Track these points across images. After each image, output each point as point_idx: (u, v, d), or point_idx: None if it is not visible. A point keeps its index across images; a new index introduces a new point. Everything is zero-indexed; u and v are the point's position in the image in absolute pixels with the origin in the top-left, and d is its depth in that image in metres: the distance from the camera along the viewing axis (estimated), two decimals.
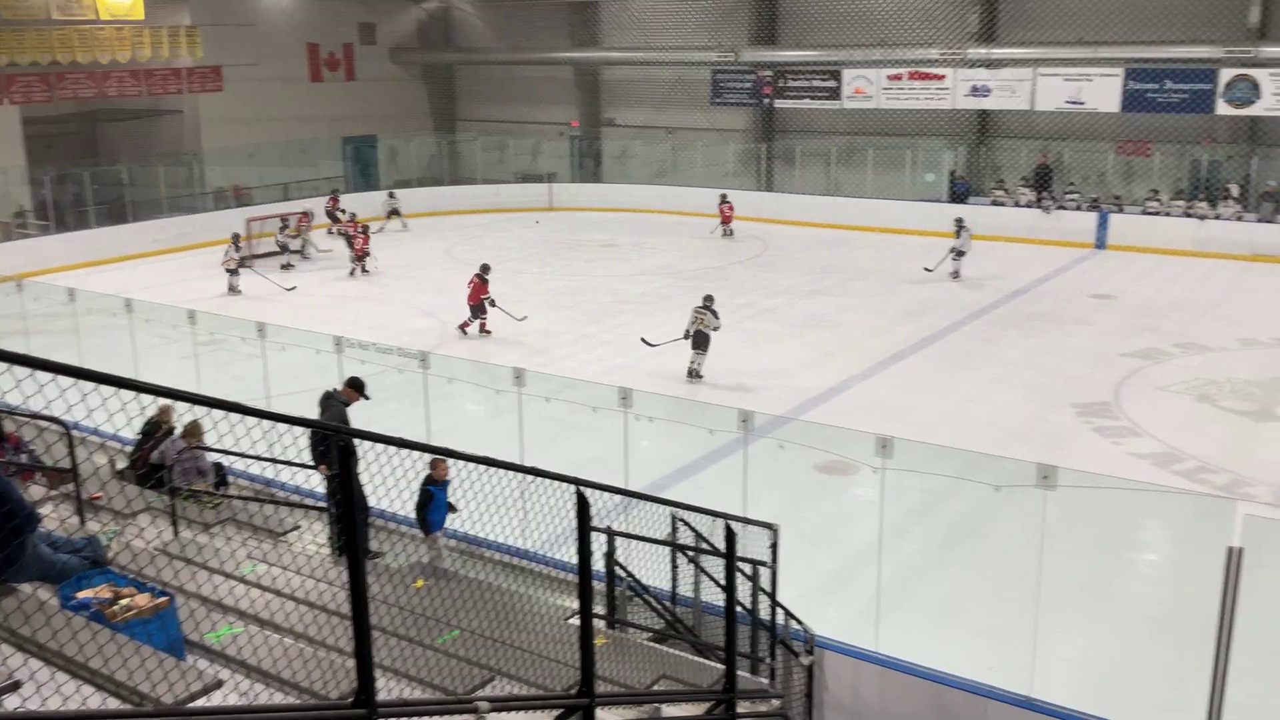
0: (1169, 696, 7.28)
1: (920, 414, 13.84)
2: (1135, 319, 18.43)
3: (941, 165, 28.97)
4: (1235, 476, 11.66)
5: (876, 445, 7.20)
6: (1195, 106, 24.62)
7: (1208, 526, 10.19)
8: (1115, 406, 14.00)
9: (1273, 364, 15.70)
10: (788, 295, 20.48)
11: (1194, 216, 24.39)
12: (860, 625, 7.73)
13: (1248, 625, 5.90)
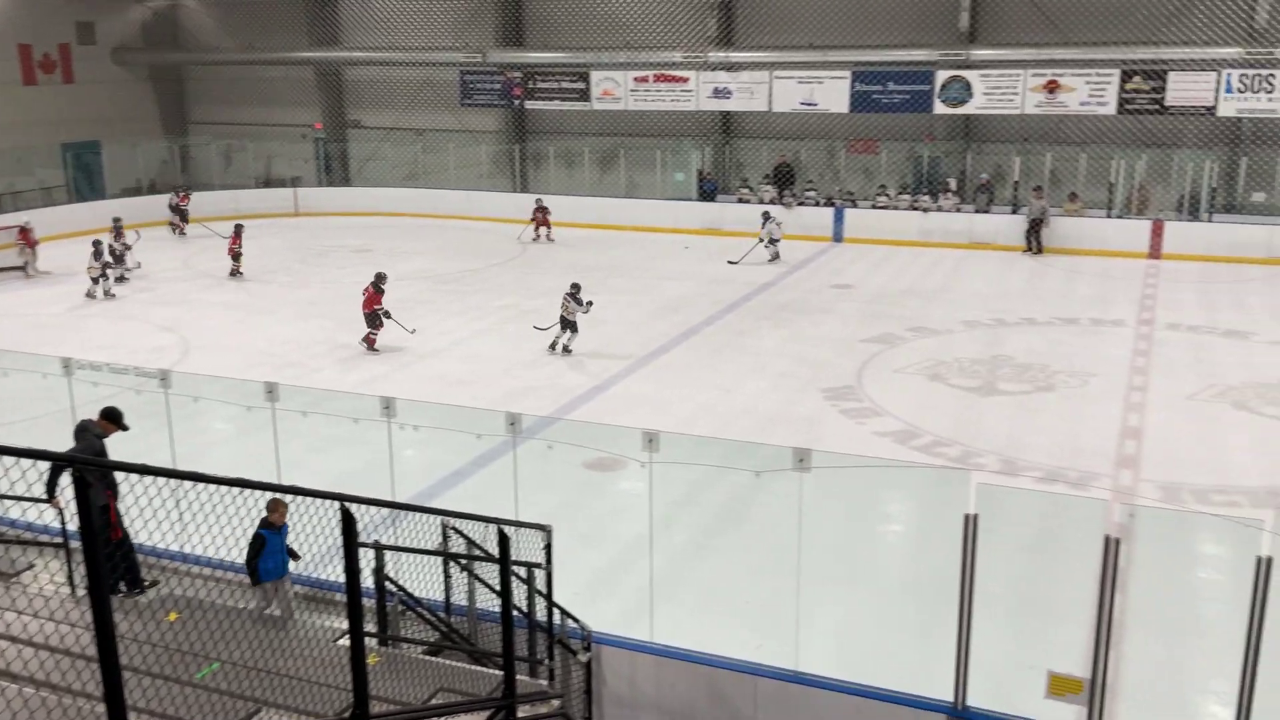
0: (921, 655, 7.79)
1: (682, 407, 14.23)
2: (872, 306, 19.64)
3: (690, 165, 29.87)
4: (966, 448, 12.63)
5: (643, 440, 7.33)
6: (916, 106, 26.49)
7: (945, 496, 10.98)
8: (859, 389, 14.86)
9: (993, 343, 17.09)
10: (549, 296, 20.54)
11: (919, 209, 26.24)
12: (635, 617, 7.85)
13: (985, 585, 6.39)
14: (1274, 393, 14.45)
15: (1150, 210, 24.95)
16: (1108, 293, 20.70)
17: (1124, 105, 24.63)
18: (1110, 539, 5.99)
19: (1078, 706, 6.26)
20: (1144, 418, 13.60)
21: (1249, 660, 5.83)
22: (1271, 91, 23.44)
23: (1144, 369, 15.70)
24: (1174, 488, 11.42)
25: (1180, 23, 24.42)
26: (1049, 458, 12.30)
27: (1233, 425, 13.41)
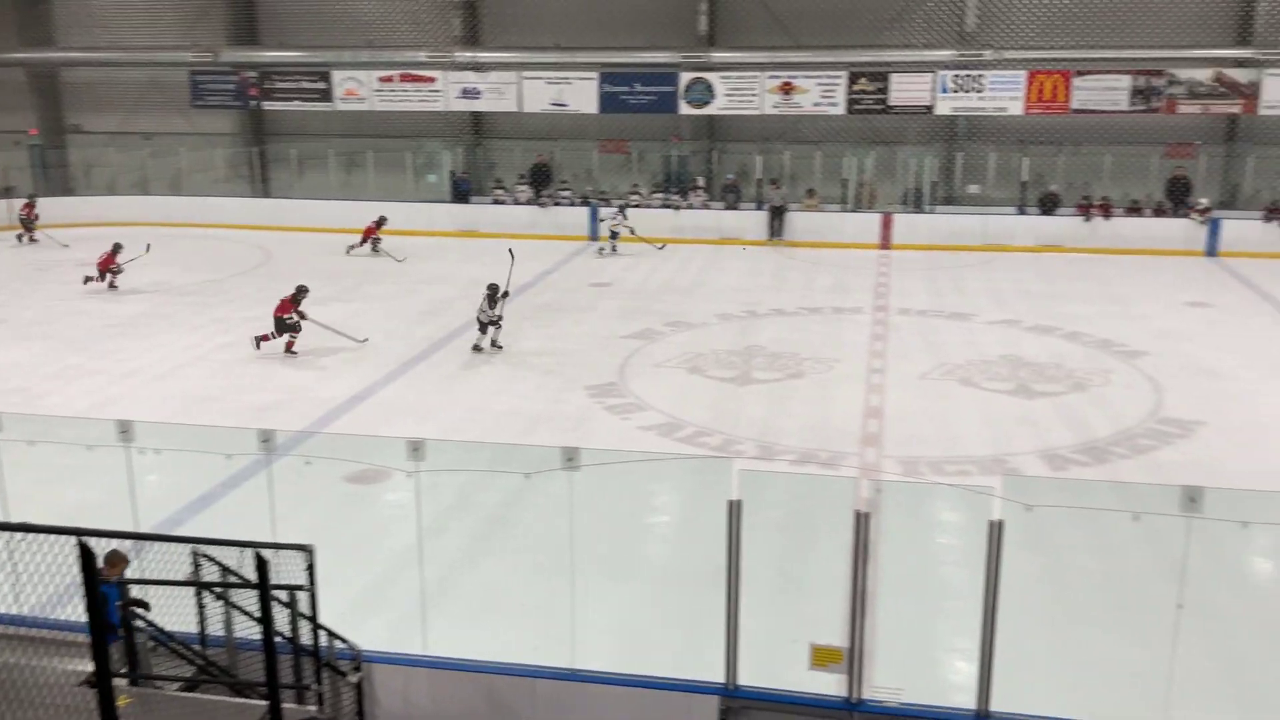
0: (693, 641, 7.99)
1: (447, 412, 14.02)
2: (631, 303, 20.01)
3: (442, 166, 29.48)
4: (727, 437, 13.07)
5: (407, 449, 7.16)
6: (662, 107, 27.20)
7: (709, 484, 11.32)
8: (621, 385, 15.10)
9: (746, 334, 17.76)
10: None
11: (670, 207, 26.94)
12: (407, 631, 7.67)
13: (750, 567, 6.63)
14: (995, 368, 15.73)
15: (879, 204, 26.64)
16: (846, 282, 21.95)
17: (852, 106, 26.18)
18: (860, 514, 6.35)
19: (839, 675, 6.60)
20: (884, 398, 14.49)
21: (987, 616, 6.32)
22: (981, 91, 25.52)
23: (881, 353, 16.73)
24: (913, 461, 12.23)
25: (899, 27, 26.20)
26: (802, 441, 12.91)
27: (961, 400, 14.50)
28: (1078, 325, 18.09)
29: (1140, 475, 11.69)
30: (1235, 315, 18.95)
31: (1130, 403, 14.20)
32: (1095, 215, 24.78)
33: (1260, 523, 6.89)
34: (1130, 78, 24.94)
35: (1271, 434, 13.07)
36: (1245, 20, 25.04)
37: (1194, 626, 6.54)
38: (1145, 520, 6.79)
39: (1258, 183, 25.64)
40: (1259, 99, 24.44)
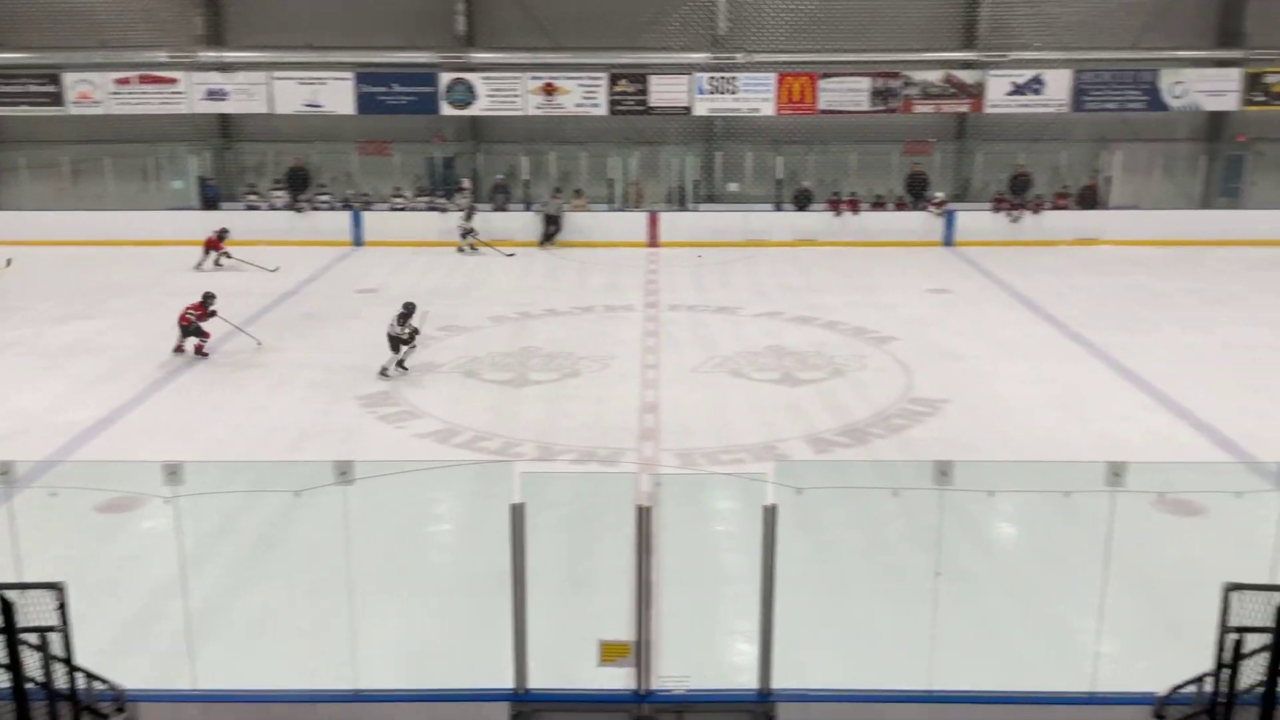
0: (483, 649, 7.89)
1: (208, 430, 13.29)
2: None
3: (189, 171, 27.90)
4: (506, 440, 13.00)
5: (164, 473, 6.72)
6: (423, 108, 26.74)
7: (491, 489, 11.22)
8: (395, 393, 14.75)
9: (521, 335, 17.72)
10: (35, 324, 18.26)
11: (436, 210, 26.52)
12: (174, 666, 7.21)
13: (536, 569, 6.61)
14: (761, 359, 16.35)
15: (645, 203, 27.18)
16: (617, 281, 22.28)
17: (614, 107, 26.58)
18: (641, 508, 6.44)
19: (628, 669, 6.68)
20: (659, 393, 14.80)
21: (766, 598, 6.55)
22: (735, 93, 26.45)
23: (654, 348, 17.08)
24: (689, 453, 12.55)
25: (656, 30, 26.80)
26: (581, 439, 13.00)
27: (731, 391, 14.99)
28: (834, 315, 19.06)
29: (896, 453, 12.44)
30: (971, 300, 20.45)
31: (884, 386, 15.08)
32: (844, 210, 26.16)
33: (1004, 490, 7.46)
34: (870, 80, 26.47)
35: (1008, 409, 14.18)
36: (969, 25, 27.07)
37: (950, 591, 7.00)
38: (903, 495, 7.22)
39: (986, 176, 27.78)
40: (984, 98, 26.48)
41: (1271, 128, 27.17)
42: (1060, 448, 12.37)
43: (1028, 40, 26.56)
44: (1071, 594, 8.75)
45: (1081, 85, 26.34)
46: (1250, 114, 26.81)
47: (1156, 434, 13.11)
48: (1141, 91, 26.38)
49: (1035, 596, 9.38)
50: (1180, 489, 9.28)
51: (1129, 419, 13.70)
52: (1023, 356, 16.50)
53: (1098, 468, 6.74)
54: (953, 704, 6.70)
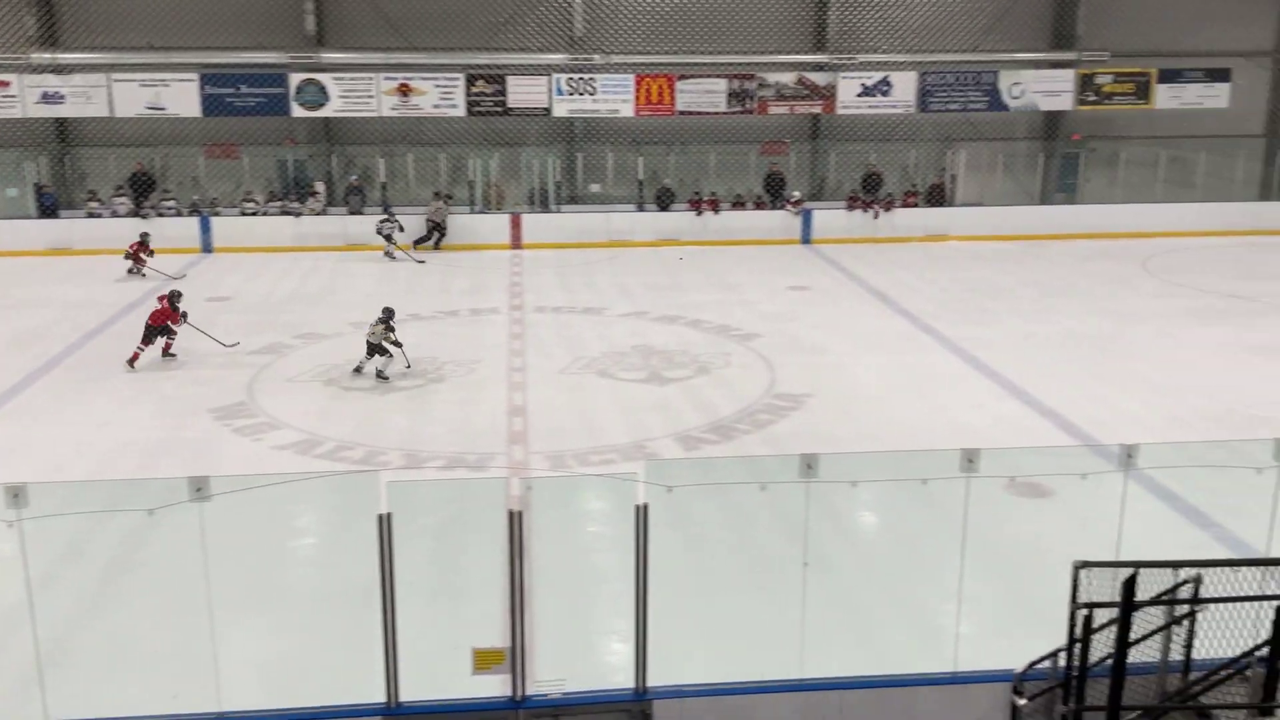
0: (353, 663, 7.71)
1: (51, 450, 12.61)
2: (255, 317, 18.96)
3: (24, 178, 26.44)
4: (370, 449, 12.73)
5: (5, 496, 6.35)
6: (272, 109, 25.96)
7: (357, 500, 10.97)
8: (251, 404, 14.29)
9: None
10: None
11: (290, 214, 25.79)
12: (23, 699, 6.82)
13: (406, 579, 6.49)
14: (628, 359, 16.43)
15: (507, 205, 27.01)
16: (482, 283, 22.06)
17: (472, 108, 26.31)
18: (512, 513, 6.40)
19: (503, 675, 6.63)
20: (526, 395, 14.72)
21: (639, 597, 6.58)
22: (594, 94, 26.51)
23: (521, 350, 16.98)
24: (559, 455, 12.52)
25: (513, 30, 26.65)
26: (449, 445, 12.83)
27: (599, 391, 15.01)
28: (698, 313, 19.29)
29: (762, 448, 12.67)
30: (829, 296, 20.98)
31: (748, 382, 15.34)
32: (705, 210, 26.51)
33: (866, 480, 7.68)
34: (726, 81, 26.90)
35: (867, 400, 14.60)
36: (820, 29, 27.78)
37: (818, 581, 7.17)
38: (771, 489, 7.34)
39: (840, 175, 28.54)
40: (836, 100, 27.20)
41: (1103, 126, 28.70)
42: (917, 436, 12.80)
43: (875, 43, 27.42)
44: (932, 578, 9.06)
45: (927, 87, 27.32)
46: (1083, 113, 28.26)
47: (1006, 421, 13.69)
48: (983, 92, 27.52)
49: (898, 582, 9.69)
50: (1029, 473, 9.71)
51: (980, 407, 14.27)
52: (880, 349, 17.01)
53: (953, 455, 7.00)
54: (822, 691, 6.86)
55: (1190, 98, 27.98)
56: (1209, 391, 14.75)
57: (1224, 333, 17.85)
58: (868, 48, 27.41)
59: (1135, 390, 14.89)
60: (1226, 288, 21.17)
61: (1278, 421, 13.09)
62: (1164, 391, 14.83)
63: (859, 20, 27.46)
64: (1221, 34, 28.13)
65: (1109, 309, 19.55)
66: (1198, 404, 14.22)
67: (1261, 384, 15.16)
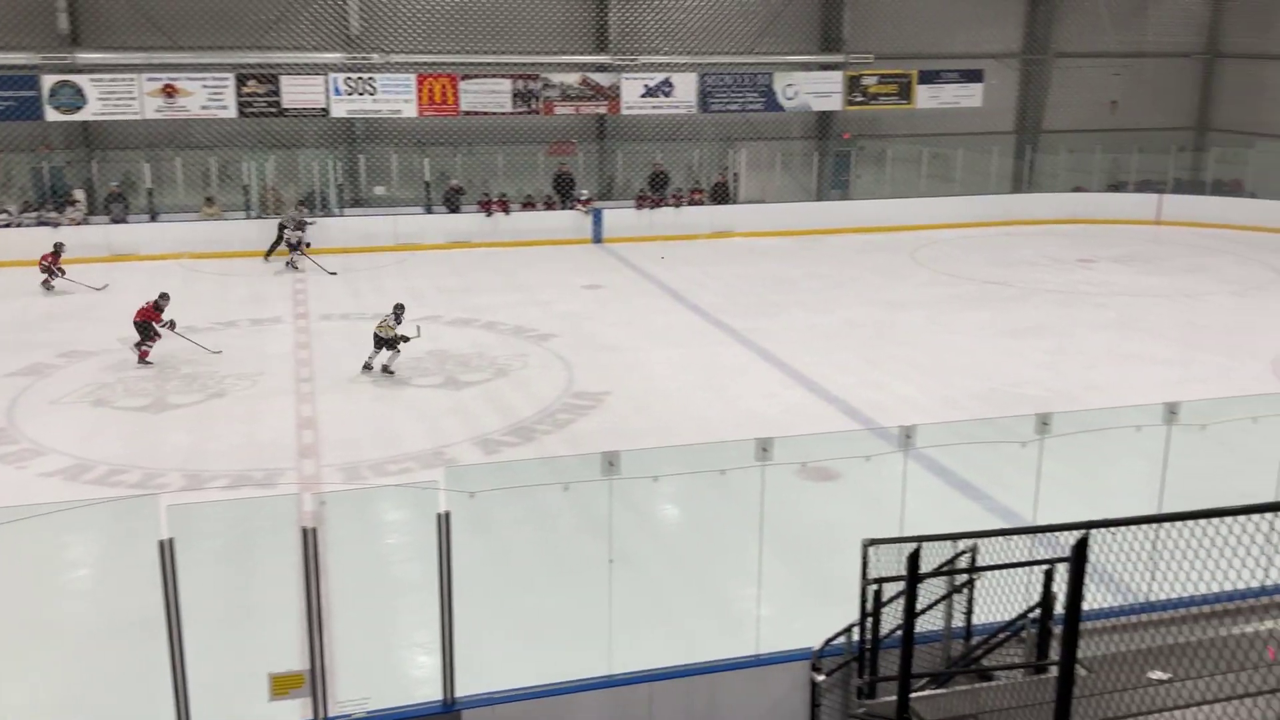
0: (135, 700, 7.25)
1: None
2: (11, 335, 17.55)
3: None
4: (147, 471, 11.98)
5: None
6: (24, 114, 24.09)
7: (135, 526, 10.31)
8: (12, 430, 13.21)
9: (154, 355, 16.33)
10: None
11: (48, 224, 23.96)
12: None
13: (195, 606, 6.14)
14: (423, 364, 16.10)
15: (286, 210, 25.98)
16: (261, 292, 21.16)
17: (244, 109, 25.19)
18: (306, 530, 6.15)
19: (303, 699, 6.36)
20: (315, 407, 14.21)
21: (444, 606, 6.45)
22: (374, 94, 25.86)
23: (308, 360, 16.39)
24: (354, 467, 12.15)
25: (286, 28, 25.66)
26: (234, 463, 12.23)
27: (394, 399, 14.67)
28: (492, 315, 19.13)
29: (564, 447, 12.69)
30: (622, 294, 21.23)
31: (547, 382, 15.33)
32: (495, 211, 26.31)
33: (666, 474, 7.79)
34: (511, 81, 26.78)
35: (664, 395, 14.86)
36: (601, 30, 28.04)
37: (623, 576, 7.23)
38: (574, 489, 7.35)
39: (628, 175, 28.92)
40: (620, 100, 27.53)
41: (870, 125, 30.22)
42: (713, 428, 13.12)
43: (656, 45, 27.92)
44: (733, 565, 9.30)
45: (707, 88, 28.03)
46: (852, 113, 29.68)
47: (795, 408, 14.22)
48: (759, 94, 28.48)
49: (701, 571, 9.91)
50: (819, 458, 10.11)
51: (771, 396, 14.77)
52: (673, 344, 17.35)
53: (748, 445, 7.20)
54: (632, 685, 6.93)
55: (948, 97, 29.86)
56: (975, 372, 15.78)
57: (985, 317, 19.14)
58: (649, 49, 27.87)
59: (910, 374, 15.76)
60: (985, 275, 22.70)
61: (1037, 398, 14.13)
62: (935, 374, 15.75)
63: (639, 21, 27.89)
64: (974, 37, 30.13)
65: (883, 299, 20.61)
66: (966, 385, 15.18)
67: (1020, 363, 16.34)
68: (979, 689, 6.14)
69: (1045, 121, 31.44)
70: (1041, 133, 31.39)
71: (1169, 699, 5.00)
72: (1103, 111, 31.08)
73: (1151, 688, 5.29)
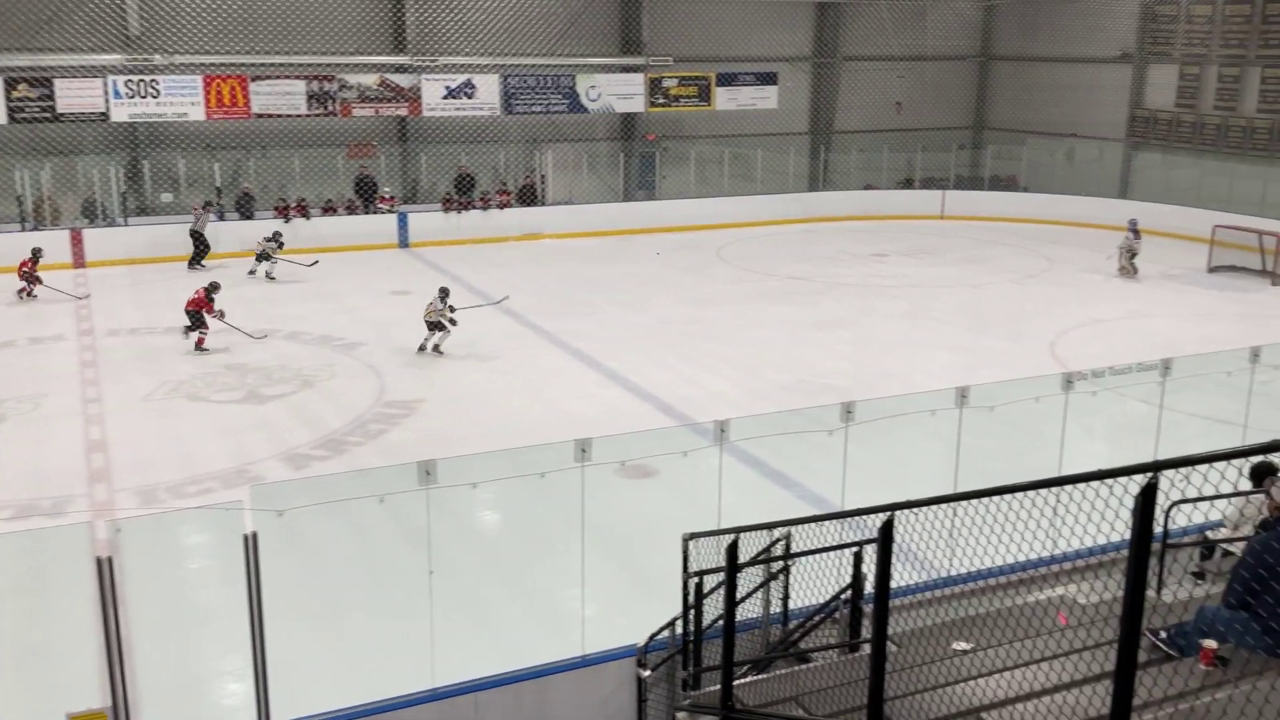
0: None
1: None
2: None
3: None
4: None
5: None
6: None
7: None
8: None
9: None
10: None
11: None
12: None
13: None
14: (221, 379, 15.41)
15: (65, 220, 24.36)
16: (38, 310, 19.75)
17: (15, 114, 23.50)
18: (100, 560, 5.78)
19: None
20: (106, 428, 13.39)
21: (255, 630, 6.18)
22: (158, 96, 24.55)
23: (95, 380, 15.41)
24: (150, 490, 11.50)
25: (60, 29, 24.05)
26: (17, 492, 11.38)
27: (191, 417, 13.96)
28: (297, 325, 18.48)
29: (377, 458, 12.37)
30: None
31: (357, 392, 14.92)
32: (295, 216, 25.41)
33: (486, 481, 7.70)
34: (305, 83, 25.92)
35: (479, 400, 14.70)
36: (399, 30, 27.50)
37: (445, 587, 7.10)
38: (390, 500, 7.17)
39: (433, 177, 28.47)
40: (421, 102, 27.08)
41: (673, 126, 30.78)
42: (532, 431, 13.06)
43: (456, 46, 27.57)
44: (556, 567, 9.28)
45: (510, 90, 27.91)
46: (655, 114, 30.16)
47: (612, 407, 14.33)
48: (563, 95, 28.56)
49: (524, 576, 9.85)
50: (637, 455, 10.21)
51: (588, 396, 14.83)
52: (488, 348, 17.18)
53: (567, 446, 7.20)
54: (457, 697, 6.82)
55: (745, 99, 30.74)
56: (783, 365, 16.30)
57: (790, 311, 19.80)
58: (449, 50, 27.51)
59: (721, 369, 16.13)
60: (788, 271, 23.48)
61: (841, 388, 14.71)
62: (745, 368, 16.18)
63: (437, 23, 27.48)
64: (768, 40, 31.11)
65: (693, 296, 21.03)
66: (775, 377, 15.66)
67: (824, 355, 16.98)
68: (798, 671, 6.33)
69: (837, 122, 32.78)
70: (834, 133, 32.71)
71: (972, 668, 5.28)
72: (889, 112, 32.65)
73: (956, 658, 5.58)
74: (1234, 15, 27.25)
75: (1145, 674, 4.31)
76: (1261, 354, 10.31)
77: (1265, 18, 26.53)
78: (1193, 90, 28.46)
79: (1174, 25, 28.82)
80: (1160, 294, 21.47)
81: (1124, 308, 20.18)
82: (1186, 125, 28.65)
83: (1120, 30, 29.80)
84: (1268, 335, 14.98)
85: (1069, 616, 6.10)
